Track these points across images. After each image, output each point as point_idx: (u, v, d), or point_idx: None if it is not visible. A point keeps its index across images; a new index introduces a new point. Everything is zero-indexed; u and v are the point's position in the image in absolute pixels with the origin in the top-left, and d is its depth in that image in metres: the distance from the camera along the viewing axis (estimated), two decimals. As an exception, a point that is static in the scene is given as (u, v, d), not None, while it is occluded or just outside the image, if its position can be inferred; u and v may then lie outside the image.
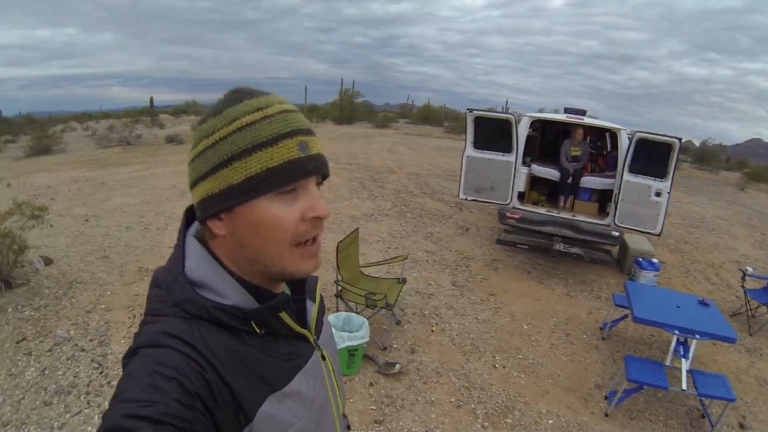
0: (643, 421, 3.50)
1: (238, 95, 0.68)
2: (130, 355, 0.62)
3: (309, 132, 0.69)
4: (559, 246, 5.52)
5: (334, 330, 3.66)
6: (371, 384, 3.62)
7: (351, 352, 3.59)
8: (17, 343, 3.42)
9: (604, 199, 6.04)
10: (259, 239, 0.67)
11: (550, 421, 3.48)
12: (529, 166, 6.36)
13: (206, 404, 0.60)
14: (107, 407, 0.55)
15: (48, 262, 4.63)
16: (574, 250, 5.49)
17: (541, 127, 7.18)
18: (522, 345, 4.40)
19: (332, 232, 6.39)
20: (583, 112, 6.25)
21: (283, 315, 0.72)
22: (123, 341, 3.62)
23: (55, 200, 6.74)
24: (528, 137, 6.57)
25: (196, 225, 0.75)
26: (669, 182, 5.10)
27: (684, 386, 3.29)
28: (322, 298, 0.94)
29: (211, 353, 0.63)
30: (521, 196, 6.37)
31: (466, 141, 5.89)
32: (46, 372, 3.18)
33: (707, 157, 17.83)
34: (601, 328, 4.64)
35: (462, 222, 7.43)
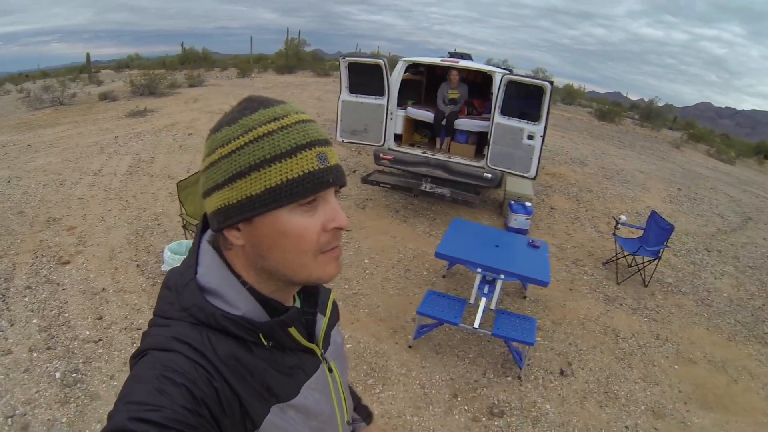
0: (449, 356, 3.29)
1: (252, 104, 0.63)
2: (138, 356, 0.60)
3: (327, 142, 0.65)
4: (426, 186, 5.30)
5: (174, 255, 3.72)
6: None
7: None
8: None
9: (482, 143, 5.66)
10: (280, 250, 0.63)
11: (348, 346, 3.35)
12: (405, 108, 6.07)
13: (212, 411, 0.57)
14: (113, 407, 0.53)
15: (-32, 222, 4.77)
16: (441, 190, 5.23)
17: (427, 71, 6.84)
18: (354, 277, 4.23)
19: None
20: (468, 57, 5.93)
21: (292, 329, 0.69)
22: (24, 276, 3.90)
23: (-19, 166, 6.71)
24: (412, 81, 6.37)
25: (211, 232, 0.71)
26: (542, 126, 4.74)
27: (476, 324, 3.07)
28: (335, 309, 0.91)
29: (219, 361, 0.60)
30: (399, 138, 6.12)
31: (341, 86, 5.66)
32: (-41, 306, 3.48)
33: (654, 115, 17.20)
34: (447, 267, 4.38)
35: (354, 165, 7.14)
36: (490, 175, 5.17)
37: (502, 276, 3.26)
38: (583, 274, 4.65)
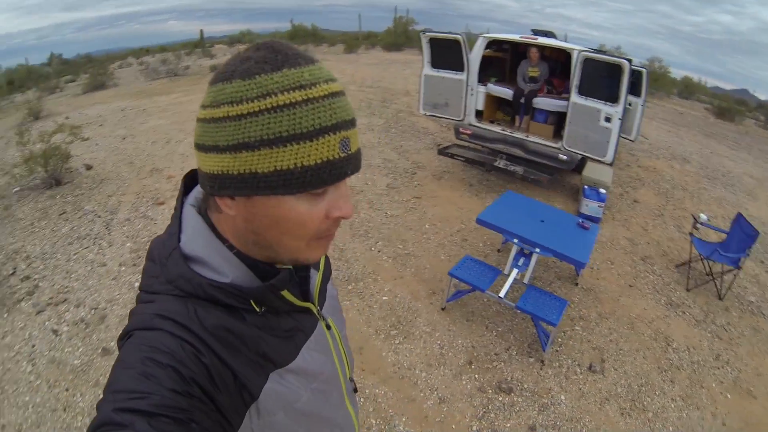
0: (477, 325, 3.30)
1: (276, 57, 0.53)
2: (124, 338, 0.58)
3: (353, 123, 0.58)
4: (500, 162, 5.30)
5: None
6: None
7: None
8: (60, 214, 4.75)
9: (562, 123, 5.36)
10: (277, 232, 0.59)
11: (385, 298, 3.53)
12: (486, 85, 5.99)
13: (204, 389, 0.54)
14: (102, 396, 0.51)
15: (89, 167, 5.90)
16: (513, 167, 5.19)
17: (511, 49, 6.60)
18: (411, 239, 4.39)
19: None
20: (552, 35, 5.69)
21: (284, 292, 0.65)
22: (126, 211, 4.78)
23: (103, 126, 7.88)
24: (496, 59, 6.34)
25: (196, 193, 0.67)
26: (620, 108, 4.43)
27: (502, 294, 3.02)
28: (328, 263, 0.86)
29: (207, 334, 0.57)
30: (480, 115, 6.10)
31: (423, 60, 5.75)
32: (74, 228, 4.45)
33: (786, 117, 14.45)
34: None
35: (441, 139, 7.14)
36: (565, 157, 4.99)
37: (537, 250, 3.19)
38: (649, 273, 4.31)
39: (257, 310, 0.63)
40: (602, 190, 4.93)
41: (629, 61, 4.28)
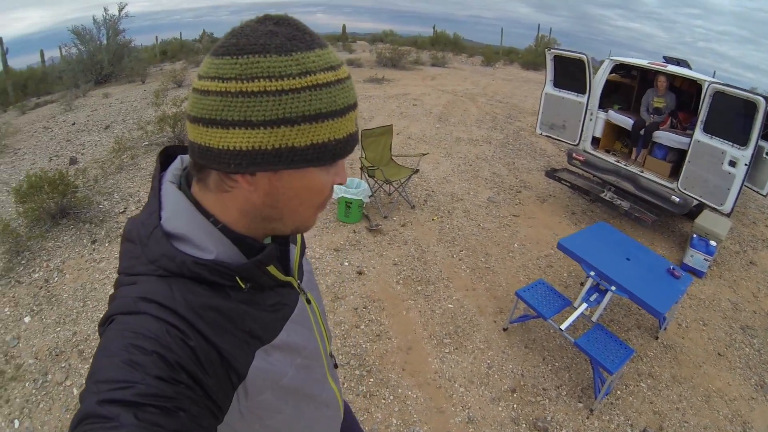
0: (534, 354, 3.21)
1: (305, 37, 0.56)
2: (105, 323, 0.56)
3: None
4: (606, 194, 4.99)
5: (341, 186, 4.34)
6: (354, 231, 4.44)
7: (347, 203, 4.38)
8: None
9: (682, 162, 4.85)
10: (298, 202, 0.62)
11: (450, 305, 3.58)
12: (607, 111, 5.60)
13: (192, 374, 0.53)
14: (84, 386, 0.49)
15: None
16: (619, 202, 4.86)
17: (640, 76, 6.01)
18: (496, 254, 4.36)
19: (426, 143, 7.03)
20: (686, 64, 5.14)
21: (270, 267, 0.66)
22: None
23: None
24: (623, 85, 5.92)
25: (174, 170, 0.67)
26: (749, 151, 3.91)
27: (564, 326, 2.86)
28: (303, 238, 0.87)
29: (193, 315, 0.56)
30: (597, 142, 5.74)
31: (546, 78, 5.56)
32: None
33: None
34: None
35: (555, 163, 6.84)
36: (678, 199, 4.56)
37: (614, 288, 2.98)
38: (746, 345, 3.82)
39: (242, 286, 0.63)
40: (713, 243, 4.44)
41: (766, 99, 3.77)
